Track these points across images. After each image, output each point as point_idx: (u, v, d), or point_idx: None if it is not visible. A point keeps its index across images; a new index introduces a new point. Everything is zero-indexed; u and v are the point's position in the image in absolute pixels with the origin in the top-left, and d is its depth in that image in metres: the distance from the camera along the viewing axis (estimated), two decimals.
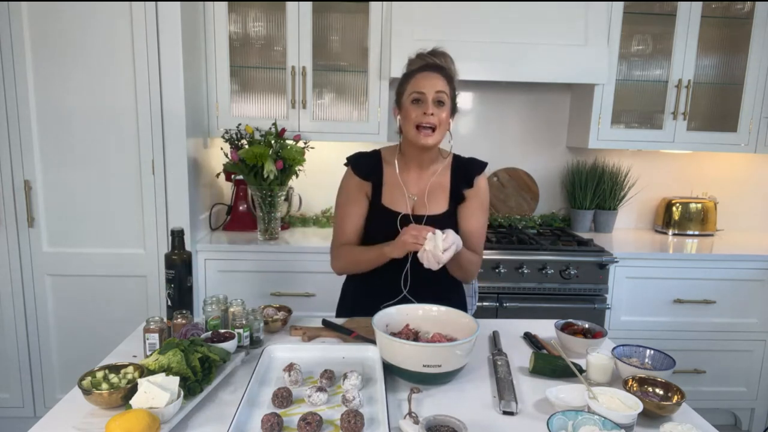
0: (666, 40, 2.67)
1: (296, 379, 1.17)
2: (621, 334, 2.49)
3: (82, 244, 2.29)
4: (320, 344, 1.39)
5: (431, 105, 1.43)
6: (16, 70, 2.15)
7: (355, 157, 1.62)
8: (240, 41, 2.64)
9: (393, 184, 1.57)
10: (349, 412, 0.99)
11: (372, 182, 1.58)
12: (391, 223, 1.52)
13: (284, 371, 1.18)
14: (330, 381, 1.17)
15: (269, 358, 1.29)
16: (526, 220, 2.99)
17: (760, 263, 2.52)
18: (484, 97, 2.95)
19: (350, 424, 0.97)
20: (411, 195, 1.55)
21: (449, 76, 1.50)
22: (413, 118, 1.45)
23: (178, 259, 1.43)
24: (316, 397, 1.08)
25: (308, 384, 1.18)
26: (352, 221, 1.58)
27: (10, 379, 2.39)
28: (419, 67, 1.49)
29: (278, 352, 1.31)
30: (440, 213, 1.55)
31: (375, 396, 1.13)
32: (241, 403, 1.04)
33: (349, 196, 1.60)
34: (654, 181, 3.05)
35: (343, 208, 1.61)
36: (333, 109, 2.72)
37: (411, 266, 1.51)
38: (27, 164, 2.22)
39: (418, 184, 1.57)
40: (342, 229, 1.60)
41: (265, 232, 2.52)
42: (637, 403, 1.02)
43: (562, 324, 1.45)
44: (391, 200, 1.56)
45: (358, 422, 0.98)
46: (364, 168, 1.58)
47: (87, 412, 1.05)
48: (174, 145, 2.24)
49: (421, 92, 1.44)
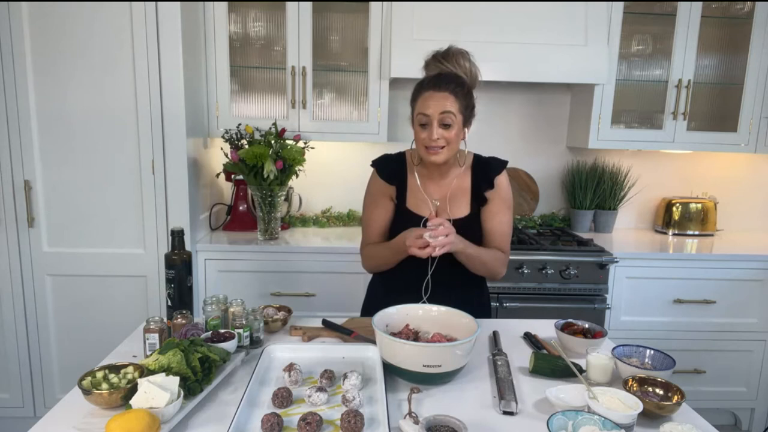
0: (666, 40, 2.67)
1: (296, 379, 1.17)
2: (621, 334, 2.49)
3: (82, 244, 2.29)
4: (320, 344, 1.39)
5: (436, 129, 1.42)
6: (16, 70, 2.15)
7: (380, 160, 1.64)
8: (240, 41, 2.64)
9: (416, 190, 1.59)
10: (349, 412, 0.99)
11: (396, 186, 1.60)
12: (415, 227, 1.51)
13: (284, 371, 1.18)
14: (330, 381, 1.17)
15: (269, 358, 1.29)
16: (526, 220, 3.00)
17: (760, 263, 2.52)
18: (485, 97, 2.94)
19: (350, 425, 0.97)
20: (434, 200, 1.57)
21: (459, 91, 1.44)
22: (421, 140, 1.47)
23: (178, 259, 1.43)
24: (316, 397, 1.09)
25: (308, 384, 1.18)
26: (378, 223, 1.62)
27: (10, 379, 2.39)
28: (428, 84, 1.45)
29: (278, 352, 1.32)
30: (463, 217, 1.57)
31: (375, 396, 1.13)
32: (241, 403, 1.04)
33: (374, 198, 1.63)
34: (654, 181, 3.05)
35: (369, 210, 1.64)
36: (333, 109, 2.72)
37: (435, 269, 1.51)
38: (27, 164, 2.22)
39: (439, 189, 1.59)
40: (368, 230, 1.65)
41: (265, 232, 2.52)
42: (637, 403, 1.02)
43: (562, 324, 1.45)
44: (415, 205, 1.59)
45: (358, 422, 0.98)
46: (389, 172, 1.61)
47: (87, 412, 1.05)
48: (174, 145, 2.24)
49: (426, 115, 1.43)
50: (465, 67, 1.51)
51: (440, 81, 1.44)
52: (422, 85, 1.47)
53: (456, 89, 1.44)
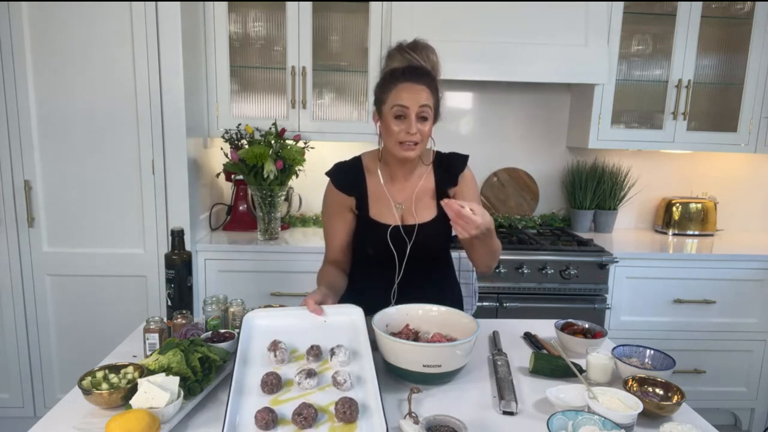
0: (666, 40, 2.67)
1: (282, 358, 1.15)
2: (621, 334, 2.49)
3: (82, 244, 2.29)
4: (301, 309, 1.31)
5: (414, 122, 1.36)
6: (16, 70, 2.15)
7: (335, 170, 1.55)
8: (240, 41, 2.64)
9: (378, 196, 1.52)
10: (344, 401, 0.99)
11: (355, 196, 1.52)
12: (381, 237, 1.48)
13: (269, 351, 1.16)
14: (317, 358, 1.17)
15: (249, 327, 1.25)
16: (526, 220, 3.00)
17: (760, 263, 2.52)
18: (484, 97, 2.95)
19: (345, 415, 0.98)
20: (398, 204, 1.51)
21: (433, 84, 1.40)
22: (395, 134, 1.38)
23: (178, 259, 1.43)
24: (306, 384, 1.08)
25: (294, 361, 1.17)
26: (338, 236, 1.56)
27: (10, 379, 2.39)
28: (402, 75, 1.38)
29: (257, 320, 1.27)
30: (430, 220, 1.52)
31: (364, 375, 1.12)
32: (230, 393, 1.02)
33: (332, 211, 1.55)
34: (654, 181, 3.05)
35: (328, 223, 1.57)
36: (333, 109, 2.72)
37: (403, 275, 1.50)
38: (27, 164, 2.22)
39: (403, 192, 1.52)
40: (329, 245, 1.58)
41: (265, 232, 2.52)
42: (637, 403, 1.02)
43: (562, 324, 1.45)
44: (378, 213, 1.51)
45: (353, 412, 0.98)
46: (346, 182, 1.53)
47: (87, 412, 1.05)
48: (174, 145, 2.24)
49: (404, 107, 1.35)
50: (433, 62, 1.45)
51: (417, 73, 1.38)
52: (395, 76, 1.39)
53: (431, 83, 1.40)
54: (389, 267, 1.51)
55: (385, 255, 1.50)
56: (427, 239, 1.51)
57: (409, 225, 1.50)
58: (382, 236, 1.48)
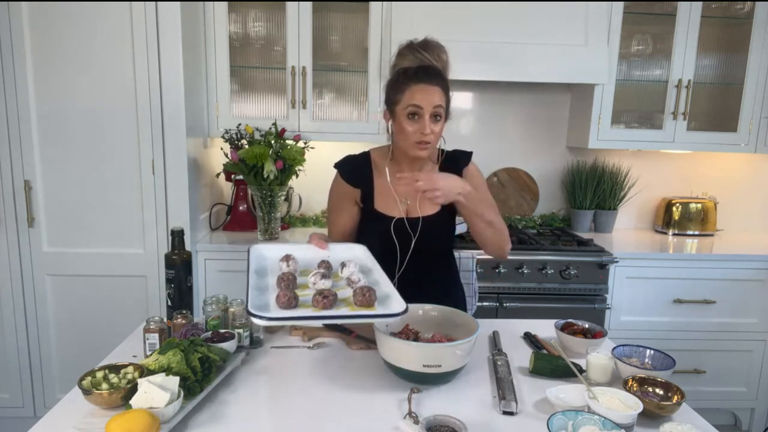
0: (666, 40, 2.67)
1: (294, 268, 1.15)
2: (621, 334, 2.49)
3: (82, 244, 2.29)
4: (305, 245, 1.34)
5: (429, 122, 1.38)
6: (16, 70, 2.15)
7: (344, 162, 1.59)
8: (240, 41, 2.64)
9: (384, 190, 1.55)
10: (363, 287, 0.99)
11: (361, 189, 1.56)
12: (385, 228, 1.51)
13: (281, 261, 1.16)
14: (328, 270, 1.16)
15: (258, 253, 1.27)
16: (526, 220, 3.00)
17: (760, 263, 2.52)
18: (484, 97, 2.95)
19: (365, 297, 0.98)
20: (403, 199, 1.54)
21: (445, 84, 1.43)
22: (410, 134, 1.40)
23: (178, 259, 1.43)
24: (321, 284, 1.07)
25: (306, 275, 1.17)
26: (341, 228, 1.59)
27: (10, 379, 2.39)
28: (415, 76, 1.40)
29: (265, 252, 1.29)
30: (433, 213, 1.55)
31: (378, 279, 1.13)
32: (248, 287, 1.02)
33: (338, 202, 1.59)
34: (654, 181, 3.05)
35: (332, 213, 1.61)
36: (333, 109, 2.72)
37: (405, 269, 1.51)
38: (27, 164, 2.22)
39: (409, 187, 1.51)
40: (331, 236, 1.62)
41: (265, 232, 2.52)
42: (637, 403, 1.02)
43: (562, 324, 1.45)
44: (384, 205, 1.55)
45: (372, 295, 0.98)
46: (353, 175, 1.56)
47: (87, 412, 1.05)
48: (174, 145, 2.24)
49: (418, 107, 1.38)
50: (444, 61, 1.46)
51: (430, 74, 1.40)
52: (408, 76, 1.40)
53: (443, 83, 1.42)
54: (391, 260, 1.51)
55: (388, 247, 1.51)
56: (431, 233, 1.52)
57: (414, 218, 1.52)
58: (386, 228, 1.50)
